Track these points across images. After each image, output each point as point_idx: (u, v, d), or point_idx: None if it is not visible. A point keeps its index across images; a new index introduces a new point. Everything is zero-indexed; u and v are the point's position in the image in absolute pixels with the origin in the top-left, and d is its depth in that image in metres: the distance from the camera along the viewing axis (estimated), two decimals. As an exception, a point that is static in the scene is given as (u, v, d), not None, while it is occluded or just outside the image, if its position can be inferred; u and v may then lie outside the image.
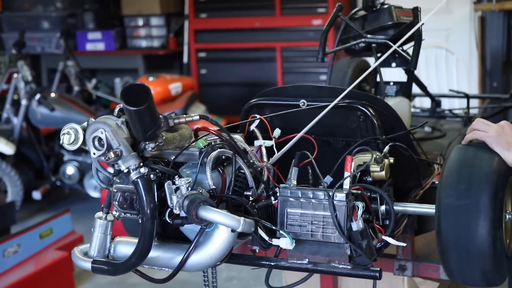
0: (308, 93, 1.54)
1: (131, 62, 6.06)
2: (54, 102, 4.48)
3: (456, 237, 1.26)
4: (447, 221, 1.26)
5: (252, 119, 1.46)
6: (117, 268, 1.29)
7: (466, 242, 1.24)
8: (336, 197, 1.25)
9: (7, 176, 4.36)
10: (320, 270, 1.29)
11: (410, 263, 1.66)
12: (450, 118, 2.72)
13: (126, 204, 1.29)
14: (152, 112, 1.19)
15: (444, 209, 1.27)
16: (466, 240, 1.24)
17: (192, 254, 1.27)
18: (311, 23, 5.57)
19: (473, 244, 1.24)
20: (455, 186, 1.27)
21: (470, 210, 1.23)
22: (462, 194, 1.25)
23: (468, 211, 1.23)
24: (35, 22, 5.98)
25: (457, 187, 1.26)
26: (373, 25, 2.10)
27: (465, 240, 1.24)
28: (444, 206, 1.27)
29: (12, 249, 3.07)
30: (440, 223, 1.28)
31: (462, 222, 1.24)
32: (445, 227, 1.27)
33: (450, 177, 1.29)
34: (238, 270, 3.52)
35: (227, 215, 1.20)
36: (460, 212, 1.24)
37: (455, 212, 1.25)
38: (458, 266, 1.28)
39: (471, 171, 1.27)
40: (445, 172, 1.32)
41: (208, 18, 5.85)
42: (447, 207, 1.26)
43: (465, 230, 1.24)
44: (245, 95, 5.75)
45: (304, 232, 1.28)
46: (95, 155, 1.23)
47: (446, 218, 1.26)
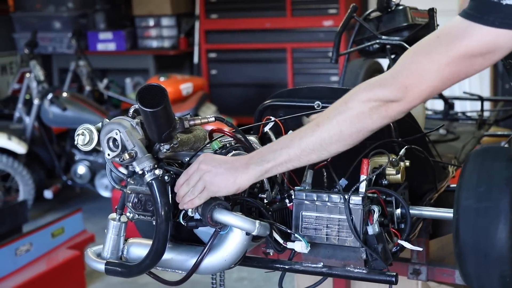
0: (322, 95, 1.53)
1: (142, 62, 6.08)
2: (66, 102, 4.50)
3: (474, 241, 1.24)
4: (465, 224, 1.24)
5: (267, 121, 1.45)
6: (131, 270, 1.28)
7: (484, 246, 1.22)
8: (352, 201, 1.24)
9: (19, 175, 4.39)
10: (335, 274, 1.27)
11: (424, 267, 1.65)
12: (463, 121, 2.70)
13: (140, 206, 1.28)
14: (168, 114, 1.18)
15: (462, 211, 1.25)
16: (484, 244, 1.22)
17: (206, 257, 1.26)
18: (322, 24, 5.56)
19: (492, 248, 1.22)
20: (474, 189, 1.25)
21: (489, 213, 1.21)
22: (481, 196, 1.23)
23: (488, 214, 1.21)
24: (46, 22, 6.02)
25: (477, 190, 1.24)
26: (388, 26, 2.09)
27: (483, 244, 1.22)
28: (462, 209, 1.25)
29: (24, 248, 3.09)
30: (458, 226, 1.26)
31: (481, 226, 1.22)
32: (463, 230, 1.25)
33: (469, 179, 1.27)
34: (249, 271, 3.52)
35: (242, 218, 1.19)
36: (479, 215, 1.22)
37: (474, 215, 1.23)
38: (476, 270, 1.26)
39: (491, 174, 1.25)
40: (464, 174, 1.29)
41: (219, 18, 5.85)
42: (466, 210, 1.24)
43: (484, 234, 1.22)
44: (255, 96, 5.75)
45: (319, 235, 1.26)
46: (109, 156, 1.23)
47: (465, 221, 1.24)
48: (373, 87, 1.12)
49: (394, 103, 1.10)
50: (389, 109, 1.11)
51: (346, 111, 1.13)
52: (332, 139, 1.14)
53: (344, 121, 1.13)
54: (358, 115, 1.12)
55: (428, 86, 1.08)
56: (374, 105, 1.11)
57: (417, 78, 1.08)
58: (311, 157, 1.18)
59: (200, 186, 1.21)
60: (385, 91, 1.10)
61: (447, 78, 1.08)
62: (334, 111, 1.15)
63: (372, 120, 1.12)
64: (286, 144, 1.18)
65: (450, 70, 1.07)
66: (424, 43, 1.10)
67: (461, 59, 1.06)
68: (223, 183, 1.19)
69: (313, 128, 1.16)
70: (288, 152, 1.17)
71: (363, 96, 1.12)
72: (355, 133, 1.14)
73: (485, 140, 2.45)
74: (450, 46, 1.06)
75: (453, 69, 1.06)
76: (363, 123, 1.13)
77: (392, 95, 1.10)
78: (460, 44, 1.05)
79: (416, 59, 1.09)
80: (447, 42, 1.06)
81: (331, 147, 1.16)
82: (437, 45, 1.07)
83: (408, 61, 1.10)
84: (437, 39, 1.08)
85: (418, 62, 1.08)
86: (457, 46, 1.05)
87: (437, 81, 1.08)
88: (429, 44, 1.09)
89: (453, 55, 1.06)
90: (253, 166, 1.19)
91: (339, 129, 1.13)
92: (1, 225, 3.36)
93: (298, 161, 1.18)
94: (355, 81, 2.49)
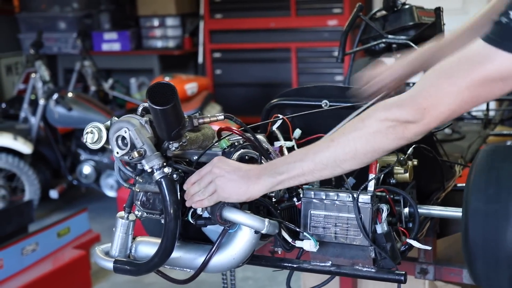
0: (330, 93, 1.53)
1: (147, 62, 6.08)
2: (71, 102, 4.51)
3: (483, 243, 1.24)
4: (474, 226, 1.24)
5: (275, 119, 1.45)
6: (139, 268, 1.28)
7: (494, 248, 1.22)
8: (361, 199, 1.24)
9: (25, 175, 4.40)
10: (344, 273, 1.27)
11: (432, 267, 1.64)
12: (469, 120, 2.69)
13: (149, 204, 1.29)
14: (177, 112, 1.18)
15: (471, 213, 1.25)
16: (494, 246, 1.22)
17: (215, 255, 1.26)
18: (327, 24, 5.55)
19: (502, 250, 1.21)
20: (483, 190, 1.25)
21: (499, 215, 1.21)
22: (490, 198, 1.23)
23: (497, 216, 1.21)
24: (51, 23, 6.03)
25: (486, 191, 1.24)
26: (394, 26, 2.09)
27: (493, 246, 1.22)
28: (471, 210, 1.25)
29: (30, 247, 3.09)
30: (467, 228, 1.26)
31: (490, 228, 1.22)
32: (472, 232, 1.25)
33: (478, 181, 1.26)
34: (254, 271, 3.52)
35: (252, 216, 1.19)
36: (489, 217, 1.22)
37: (483, 217, 1.23)
38: (485, 272, 1.26)
39: (500, 175, 1.25)
40: (473, 174, 1.29)
41: (223, 18, 5.86)
42: (475, 212, 1.24)
43: (493, 236, 1.22)
44: (259, 95, 5.74)
45: (327, 234, 1.26)
46: (118, 154, 1.23)
47: (474, 223, 1.24)
48: (391, 107, 1.11)
49: (412, 124, 1.09)
50: (406, 130, 1.10)
51: (363, 129, 1.12)
52: (347, 156, 1.14)
53: (360, 139, 1.12)
54: (374, 133, 1.11)
55: (447, 109, 1.07)
56: (391, 125, 1.10)
57: (436, 100, 1.07)
58: (324, 173, 1.17)
59: (211, 188, 1.21)
60: (403, 112, 1.09)
61: (466, 102, 1.07)
62: (350, 129, 1.14)
63: (388, 140, 1.11)
64: (300, 157, 1.18)
65: (470, 94, 1.06)
66: (445, 65, 1.09)
67: (481, 84, 1.04)
68: (234, 190, 1.19)
69: (328, 143, 1.16)
70: (301, 165, 1.17)
71: (381, 115, 1.11)
72: (370, 152, 1.13)
73: (491, 140, 2.45)
74: (470, 70, 1.04)
75: (473, 94, 1.05)
76: (379, 142, 1.12)
77: (409, 116, 1.09)
78: (481, 69, 1.04)
79: (436, 82, 1.08)
80: (468, 66, 1.05)
81: (345, 164, 1.15)
82: (458, 69, 1.06)
83: (428, 83, 1.09)
84: (458, 62, 1.07)
85: (438, 85, 1.07)
86: (478, 71, 1.04)
87: (456, 105, 1.07)
88: (450, 67, 1.08)
89: (473, 79, 1.04)
90: (266, 177, 1.19)
91: (354, 146, 1.13)
92: (7, 225, 3.37)
93: (311, 176, 1.17)
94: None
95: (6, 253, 2.98)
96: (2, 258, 2.96)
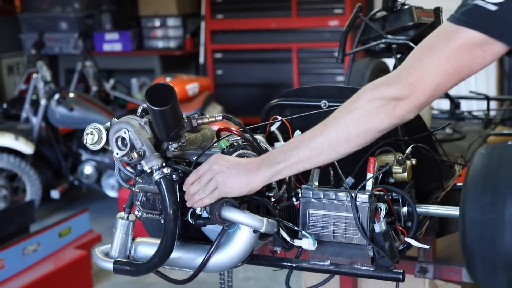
0: (329, 94, 1.54)
1: (148, 62, 6.09)
2: (72, 102, 4.52)
3: (481, 250, 1.25)
4: (471, 235, 1.25)
5: (274, 120, 1.46)
6: (139, 269, 1.29)
7: (492, 255, 1.23)
8: (358, 199, 1.24)
9: (26, 175, 4.41)
10: (342, 272, 1.28)
11: (431, 266, 1.65)
12: (469, 120, 2.69)
13: (149, 204, 1.29)
14: (176, 112, 1.19)
15: (468, 223, 1.26)
16: (491, 254, 1.23)
17: (214, 255, 1.27)
18: (328, 24, 5.56)
19: (499, 257, 1.23)
20: (479, 200, 1.25)
21: (495, 225, 1.22)
22: (486, 208, 1.23)
23: (494, 226, 1.22)
24: (53, 23, 6.04)
25: (482, 201, 1.24)
26: (394, 26, 2.09)
27: (490, 254, 1.23)
28: (468, 220, 1.26)
29: (31, 247, 3.10)
30: (464, 237, 1.27)
31: (487, 237, 1.23)
32: (470, 240, 1.26)
33: (474, 190, 1.26)
34: (255, 271, 3.52)
35: (250, 215, 1.20)
36: (485, 226, 1.23)
37: (480, 227, 1.24)
38: (485, 276, 1.28)
39: (495, 183, 1.25)
40: (468, 182, 1.29)
41: (225, 19, 5.86)
42: (472, 221, 1.25)
43: (490, 244, 1.23)
44: (261, 96, 5.75)
45: (326, 233, 1.27)
46: (118, 155, 1.24)
47: (471, 232, 1.25)
48: (378, 85, 1.13)
49: (401, 101, 1.10)
50: (396, 107, 1.11)
51: (353, 111, 1.13)
52: (340, 139, 1.15)
53: (351, 121, 1.13)
54: (365, 114, 1.12)
55: (431, 82, 1.09)
56: (380, 103, 1.11)
57: (421, 74, 1.09)
58: (321, 158, 1.18)
59: (211, 185, 1.21)
60: (390, 89, 1.11)
61: (450, 72, 1.09)
62: (341, 111, 1.16)
63: (379, 120, 1.12)
64: (296, 145, 1.19)
65: (452, 64, 1.08)
66: (426, 40, 1.12)
67: (461, 51, 1.07)
68: (235, 184, 1.20)
69: (321, 128, 1.17)
70: (298, 153, 1.18)
71: (369, 95, 1.13)
72: (362, 133, 1.14)
73: (491, 140, 2.45)
74: (448, 40, 1.08)
75: (455, 63, 1.08)
76: (371, 122, 1.13)
77: (397, 92, 1.10)
78: (457, 37, 1.07)
79: (419, 56, 1.11)
80: (445, 37, 1.09)
81: (339, 148, 1.16)
82: (437, 42, 1.09)
83: (411, 58, 1.12)
84: (436, 36, 1.11)
85: (421, 59, 1.10)
86: (455, 39, 1.07)
87: (440, 76, 1.09)
88: (430, 41, 1.11)
89: (452, 47, 1.07)
90: (265, 168, 1.20)
91: (346, 128, 1.14)
92: (9, 225, 3.38)
93: (308, 162, 1.19)
94: (361, 81, 2.49)
95: (7, 253, 2.99)
96: (4, 258, 2.97)
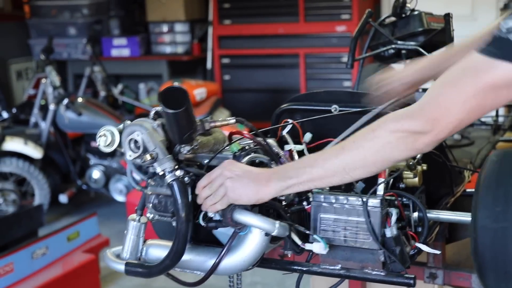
0: (340, 98, 1.54)
1: (156, 67, 6.12)
2: (81, 107, 4.54)
3: (493, 259, 1.24)
4: (483, 243, 1.25)
5: (285, 123, 1.46)
6: (151, 271, 1.30)
7: (503, 263, 1.23)
8: (370, 203, 1.24)
9: (35, 179, 4.43)
10: (353, 276, 1.28)
11: (441, 271, 1.65)
12: (478, 126, 2.69)
13: (161, 207, 1.30)
14: (189, 115, 1.20)
15: (480, 231, 1.26)
16: (503, 262, 1.23)
17: (225, 258, 1.27)
18: (335, 30, 5.57)
19: (511, 265, 1.22)
20: (491, 208, 1.25)
21: (507, 234, 1.22)
22: (498, 216, 1.23)
23: (506, 235, 1.22)
24: (62, 29, 6.08)
25: (493, 209, 1.24)
26: (403, 32, 2.10)
27: (502, 262, 1.23)
28: (480, 228, 1.26)
29: (40, 251, 3.12)
30: (476, 245, 1.27)
31: (499, 245, 1.22)
32: (482, 249, 1.25)
33: (486, 198, 1.26)
34: (263, 275, 3.52)
35: (262, 218, 1.21)
36: (497, 235, 1.23)
37: (492, 235, 1.24)
38: (496, 284, 1.27)
39: (507, 191, 1.24)
40: (480, 190, 1.29)
41: (232, 24, 5.89)
42: (483, 230, 1.25)
43: (502, 253, 1.22)
44: (268, 101, 5.76)
45: (337, 237, 1.27)
46: (131, 157, 1.25)
47: (482, 240, 1.25)
48: (401, 118, 1.13)
49: (422, 135, 1.10)
50: (416, 141, 1.11)
51: (373, 139, 1.14)
52: (356, 164, 1.15)
53: (369, 149, 1.14)
54: (384, 144, 1.13)
55: (455, 118, 1.08)
56: (401, 136, 1.11)
57: (445, 110, 1.09)
58: (333, 180, 1.18)
59: (221, 191, 1.22)
60: (412, 123, 1.11)
61: (473, 110, 1.08)
62: (361, 137, 1.16)
63: (398, 151, 1.13)
64: (310, 163, 1.19)
65: (476, 102, 1.07)
66: (451, 75, 1.11)
67: (487, 92, 1.06)
68: (244, 192, 1.21)
69: (338, 151, 1.17)
70: (311, 171, 1.18)
71: (391, 126, 1.12)
72: (379, 162, 1.15)
73: (500, 146, 2.45)
74: (476, 78, 1.06)
75: (479, 102, 1.07)
76: (390, 153, 1.13)
77: (420, 127, 1.10)
78: (486, 77, 1.06)
79: (443, 91, 1.10)
80: (473, 74, 1.07)
81: (354, 173, 1.16)
82: (464, 77, 1.08)
83: (435, 93, 1.11)
84: (462, 71, 1.09)
85: (445, 94, 1.09)
86: (483, 79, 1.06)
87: (464, 113, 1.08)
88: (456, 77, 1.09)
89: (479, 87, 1.06)
90: (276, 181, 1.20)
91: (364, 155, 1.14)
92: (18, 229, 3.39)
93: (320, 182, 1.19)
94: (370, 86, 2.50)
95: (16, 257, 3.00)
96: (13, 262, 2.98)
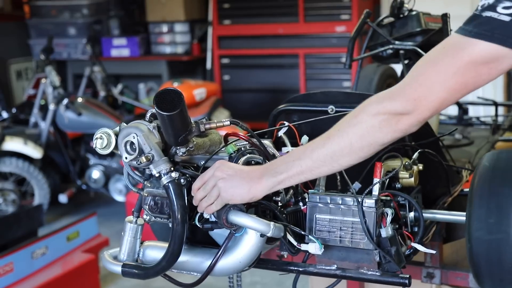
0: (336, 99, 1.55)
1: (155, 68, 6.13)
2: (81, 107, 4.55)
3: (488, 267, 1.26)
4: (478, 254, 1.26)
5: (281, 126, 1.46)
6: (147, 272, 1.30)
7: (499, 272, 1.25)
8: (365, 203, 1.25)
9: (34, 179, 4.44)
10: (349, 276, 1.29)
11: (438, 271, 1.65)
12: (477, 126, 2.69)
13: (157, 208, 1.30)
14: (184, 117, 1.20)
15: (474, 242, 1.27)
16: (499, 270, 1.25)
17: (221, 259, 1.27)
18: (335, 30, 5.57)
19: (507, 274, 1.24)
20: (484, 220, 1.26)
21: (501, 245, 1.23)
22: (492, 228, 1.24)
23: (500, 246, 1.23)
24: (61, 29, 6.09)
25: (487, 221, 1.25)
26: (401, 32, 2.10)
27: (498, 271, 1.25)
28: (474, 240, 1.27)
29: (40, 251, 3.12)
30: (471, 254, 1.28)
31: (494, 255, 1.24)
32: (477, 259, 1.27)
33: (479, 209, 1.27)
34: (262, 275, 3.53)
35: (257, 219, 1.21)
36: (491, 246, 1.24)
37: (486, 246, 1.25)
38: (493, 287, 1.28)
39: (499, 202, 1.25)
40: (473, 200, 1.30)
41: (232, 24, 5.89)
42: (478, 241, 1.26)
43: (497, 262, 1.24)
44: (268, 101, 5.76)
45: (332, 238, 1.28)
46: (127, 159, 1.25)
47: (477, 251, 1.26)
48: (382, 100, 1.12)
49: (404, 115, 1.10)
50: (399, 122, 1.10)
51: (356, 124, 1.13)
52: (343, 152, 1.15)
53: (354, 134, 1.13)
54: (368, 128, 1.12)
55: (436, 97, 1.08)
56: (384, 118, 1.11)
57: (426, 89, 1.08)
58: (323, 169, 1.18)
59: (215, 192, 1.22)
60: (394, 104, 1.10)
61: (455, 89, 1.07)
62: (344, 124, 1.15)
63: (382, 134, 1.12)
64: (299, 156, 1.19)
65: (457, 81, 1.06)
66: (431, 54, 1.10)
67: (467, 69, 1.05)
68: (237, 191, 1.21)
69: (324, 140, 1.17)
70: (300, 163, 1.18)
71: (373, 109, 1.12)
72: (366, 147, 1.14)
73: (499, 145, 2.45)
74: (455, 56, 1.06)
75: (460, 80, 1.06)
76: (374, 136, 1.12)
77: (401, 107, 1.09)
78: (464, 54, 1.05)
79: (424, 70, 1.09)
80: (452, 53, 1.06)
81: (342, 160, 1.16)
82: (443, 57, 1.07)
83: (416, 73, 1.10)
84: (442, 51, 1.08)
85: (426, 74, 1.08)
86: (462, 56, 1.05)
87: (445, 92, 1.07)
88: (436, 56, 1.09)
89: (458, 64, 1.05)
90: (267, 177, 1.20)
91: (349, 142, 1.13)
92: (18, 228, 3.40)
93: (310, 173, 1.19)
94: (369, 86, 2.50)
95: (16, 257, 3.01)
96: (13, 262, 2.99)
